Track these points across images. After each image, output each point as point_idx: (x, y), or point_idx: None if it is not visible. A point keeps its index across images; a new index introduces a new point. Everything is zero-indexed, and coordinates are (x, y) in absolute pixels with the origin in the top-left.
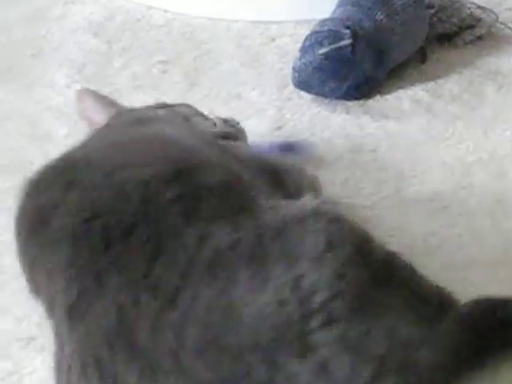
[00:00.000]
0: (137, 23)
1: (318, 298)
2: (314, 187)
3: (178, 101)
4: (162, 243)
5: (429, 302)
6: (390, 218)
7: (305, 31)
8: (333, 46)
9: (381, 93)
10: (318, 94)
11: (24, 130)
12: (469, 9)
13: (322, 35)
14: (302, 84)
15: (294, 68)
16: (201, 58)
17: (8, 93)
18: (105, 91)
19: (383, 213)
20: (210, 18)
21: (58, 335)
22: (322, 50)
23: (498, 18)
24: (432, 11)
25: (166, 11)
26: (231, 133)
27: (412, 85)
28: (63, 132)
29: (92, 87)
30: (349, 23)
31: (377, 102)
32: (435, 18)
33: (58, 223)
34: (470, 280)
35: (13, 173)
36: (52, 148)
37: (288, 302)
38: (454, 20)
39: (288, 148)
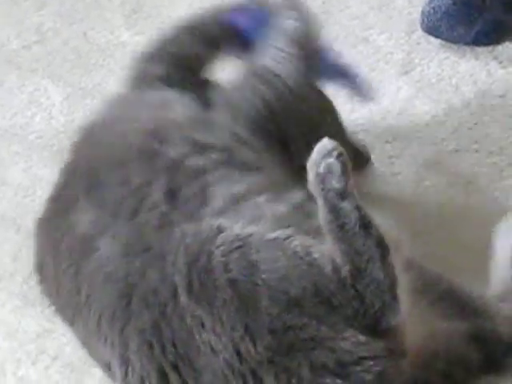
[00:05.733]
0: None
1: None
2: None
3: None
4: None
5: None
6: None
7: None
8: None
9: (510, 39)
10: (446, 39)
11: None
12: None
13: None
14: (431, 29)
15: (422, 12)
16: (330, 1)
17: (136, 34)
18: None
19: (511, 158)
20: None
21: None
22: None
23: None
24: None
25: None
26: None
27: None
28: None
29: None
30: None
31: (506, 48)
32: None
33: None
34: None
35: None
36: None
37: None
38: None
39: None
